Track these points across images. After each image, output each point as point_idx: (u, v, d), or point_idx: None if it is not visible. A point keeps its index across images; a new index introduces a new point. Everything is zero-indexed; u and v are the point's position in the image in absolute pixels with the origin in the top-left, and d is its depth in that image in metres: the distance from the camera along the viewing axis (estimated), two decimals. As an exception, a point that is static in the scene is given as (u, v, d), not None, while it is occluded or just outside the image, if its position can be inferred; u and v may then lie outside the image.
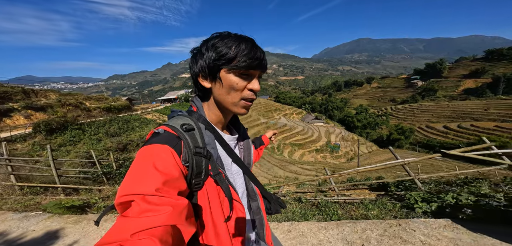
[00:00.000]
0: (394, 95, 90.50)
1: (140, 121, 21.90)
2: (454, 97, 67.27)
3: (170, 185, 0.45)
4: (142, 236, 0.35)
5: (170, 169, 0.46)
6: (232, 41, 0.54)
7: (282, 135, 39.23)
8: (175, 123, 0.55)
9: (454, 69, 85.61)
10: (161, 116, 26.92)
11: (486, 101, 52.08)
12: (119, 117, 20.82)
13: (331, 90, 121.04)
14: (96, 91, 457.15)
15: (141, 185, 0.42)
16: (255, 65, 0.55)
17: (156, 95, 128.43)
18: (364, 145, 41.98)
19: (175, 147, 0.50)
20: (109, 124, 18.80)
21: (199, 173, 0.53)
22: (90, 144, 14.97)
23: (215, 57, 0.54)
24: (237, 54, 0.53)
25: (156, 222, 0.38)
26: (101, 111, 23.07)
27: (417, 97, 74.67)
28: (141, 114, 25.29)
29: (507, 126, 35.66)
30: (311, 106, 72.39)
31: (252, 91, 0.57)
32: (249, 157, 0.72)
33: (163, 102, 48.55)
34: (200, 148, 0.54)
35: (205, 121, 0.60)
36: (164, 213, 0.39)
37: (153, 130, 0.54)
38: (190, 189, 0.54)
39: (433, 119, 50.48)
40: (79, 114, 20.48)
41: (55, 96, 23.25)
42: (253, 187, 0.71)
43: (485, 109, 46.27)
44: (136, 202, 0.40)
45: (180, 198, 0.45)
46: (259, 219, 0.72)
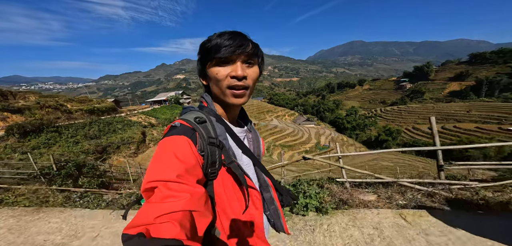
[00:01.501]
0: (384, 97, 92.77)
1: (123, 124, 21.43)
2: (440, 99, 69.68)
3: (189, 173, 0.48)
4: (164, 220, 0.39)
5: (188, 157, 0.50)
6: (213, 36, 0.57)
7: (272, 137, 39.38)
8: (189, 116, 0.59)
9: (440, 72, 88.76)
10: (147, 118, 26.46)
11: (469, 103, 54.17)
12: (100, 120, 20.32)
13: (325, 92, 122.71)
14: (86, 92, 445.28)
15: (164, 172, 0.45)
16: (230, 51, 0.55)
17: (150, 96, 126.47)
18: (353, 146, 42.73)
19: (192, 137, 0.54)
20: (89, 126, 18.32)
21: (214, 162, 0.56)
22: (66, 147, 14.56)
23: (200, 56, 0.60)
24: (214, 44, 0.56)
25: (176, 207, 0.41)
26: (83, 114, 22.41)
27: (405, 99, 76.83)
28: (125, 116, 24.77)
29: (486, 127, 37.21)
30: (304, 108, 73.08)
31: (235, 78, 0.57)
32: (258, 149, 0.74)
33: (153, 104, 47.81)
34: (213, 138, 0.57)
35: (216, 114, 0.63)
36: (183, 199, 0.43)
37: (171, 124, 0.58)
38: (207, 178, 0.57)
39: (419, 121, 52.00)
40: (59, 116, 19.85)
41: (35, 98, 22.48)
42: (264, 178, 0.73)
43: (467, 111, 48.11)
44: (159, 188, 0.44)
45: (197, 186, 0.49)
46: (274, 209, 0.74)
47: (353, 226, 2.46)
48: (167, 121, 27.75)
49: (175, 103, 42.78)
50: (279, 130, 43.61)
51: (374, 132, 50.00)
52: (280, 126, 46.19)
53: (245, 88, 0.59)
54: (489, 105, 48.84)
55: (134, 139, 18.54)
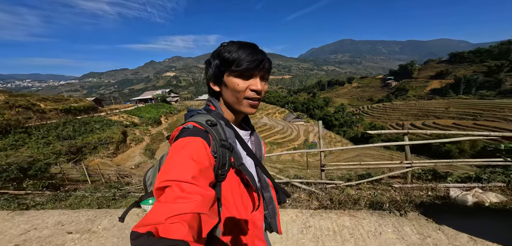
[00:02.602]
0: (372, 95, 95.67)
1: (102, 123, 20.46)
2: (422, 96, 72.85)
3: (203, 174, 0.49)
4: (174, 220, 0.39)
5: (203, 159, 0.51)
6: (233, 47, 0.59)
7: (261, 135, 39.45)
8: (200, 119, 0.61)
9: (423, 70, 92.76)
10: (129, 117, 25.45)
11: (448, 100, 57.14)
12: (76, 119, 19.26)
13: (316, 89, 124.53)
14: (62, 91, 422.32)
15: (179, 173, 0.46)
16: (253, 66, 0.58)
17: (138, 94, 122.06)
18: (340, 143, 43.75)
19: (206, 139, 0.55)
20: (63, 126, 17.30)
21: (224, 164, 0.58)
22: (36, 148, 13.67)
23: (219, 63, 0.61)
24: (236, 57, 0.58)
25: (187, 209, 0.42)
26: (58, 113, 21.08)
27: (391, 97, 79.64)
28: (105, 115, 23.66)
29: (462, 123, 39.44)
30: (294, 106, 73.75)
31: (255, 91, 0.61)
32: (260, 151, 0.78)
33: (138, 102, 46.11)
34: (224, 140, 0.59)
35: (224, 118, 0.65)
36: (194, 201, 0.43)
37: (181, 126, 0.59)
38: (216, 180, 0.58)
39: (402, 117, 54.17)
40: (31, 116, 18.59)
41: (4, 97, 20.87)
42: (265, 179, 0.76)
43: (446, 108, 50.72)
44: (172, 188, 0.44)
45: (209, 189, 0.49)
46: (272, 208, 0.78)
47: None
48: (151, 120, 26.89)
49: (162, 101, 41.51)
50: (268, 127, 43.73)
51: (361, 129, 51.54)
52: (270, 124, 46.34)
53: (259, 100, 0.63)
54: (466, 102, 51.80)
55: (113, 139, 17.78)
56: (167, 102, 41.90)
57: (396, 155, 22.97)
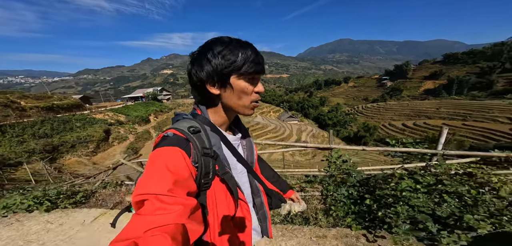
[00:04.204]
0: (367, 94, 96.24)
1: (84, 122, 20.00)
2: (416, 97, 73.53)
3: (180, 185, 0.48)
4: (155, 233, 0.38)
5: (181, 170, 0.49)
6: (237, 48, 0.56)
7: (254, 133, 39.28)
8: (182, 125, 0.57)
9: (417, 71, 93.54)
10: (115, 115, 24.98)
11: (439, 101, 57.69)
12: (56, 117, 18.79)
13: (312, 89, 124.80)
14: (62, 87, 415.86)
15: (155, 185, 0.44)
16: (259, 70, 0.58)
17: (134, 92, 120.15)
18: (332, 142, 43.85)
19: (185, 148, 0.52)
20: (41, 124, 16.84)
21: (208, 173, 0.56)
22: (8, 147, 13.26)
23: (225, 65, 0.56)
24: (245, 61, 0.56)
25: (168, 220, 0.40)
26: (39, 111, 20.49)
27: (386, 97, 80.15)
28: (88, 114, 23.19)
29: (452, 123, 39.82)
30: (289, 105, 73.72)
31: (258, 93, 0.62)
32: (251, 156, 0.75)
33: (128, 100, 45.44)
34: (207, 148, 0.56)
35: (210, 123, 0.62)
36: (176, 212, 0.42)
37: (162, 134, 0.56)
38: (199, 189, 0.56)
39: (395, 117, 54.55)
40: (9, 114, 18.05)
41: (-18, 94, 20.28)
42: (256, 184, 0.76)
43: (437, 108, 51.21)
44: (150, 200, 0.43)
45: (189, 198, 0.48)
46: (262, 213, 0.78)
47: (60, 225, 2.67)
48: (139, 118, 26.48)
49: (153, 100, 40.96)
50: (261, 126, 43.56)
51: (354, 128, 51.75)
52: (263, 123, 46.17)
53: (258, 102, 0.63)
54: (458, 102, 52.37)
55: (94, 137, 17.39)
56: (158, 101, 41.36)
57: (381, 154, 23.02)
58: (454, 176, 2.00)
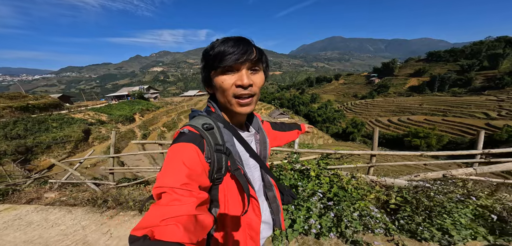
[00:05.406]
0: (357, 91, 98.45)
1: (61, 122, 19.06)
2: (402, 93, 76.17)
3: (195, 179, 0.51)
4: (169, 222, 0.41)
5: (195, 165, 0.52)
6: (216, 42, 0.56)
7: (243, 131, 39.21)
8: (197, 122, 0.60)
9: (403, 68, 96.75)
10: (97, 115, 24.00)
11: (423, 97, 60.16)
12: (30, 118, 17.79)
13: (304, 86, 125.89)
14: (44, 85, 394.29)
15: (172, 179, 0.48)
16: (234, 59, 0.53)
17: (119, 90, 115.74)
18: (322, 139, 44.67)
19: (199, 145, 0.55)
20: (13, 125, 15.92)
21: (220, 169, 0.58)
22: (-25, 150, 12.42)
23: (204, 64, 0.59)
24: (218, 52, 0.54)
25: (182, 211, 0.44)
26: (13, 111, 19.37)
27: (373, 94, 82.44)
28: (66, 113, 22.13)
29: (433, 119, 41.75)
30: (280, 102, 74.14)
31: (241, 87, 0.56)
32: (265, 151, 0.76)
33: (113, 99, 43.77)
34: (220, 145, 0.58)
35: (223, 120, 0.63)
36: (189, 204, 0.46)
37: (179, 130, 0.59)
38: (212, 183, 0.59)
39: (381, 114, 56.34)
40: (-22, 114, 16.89)
41: None
42: (269, 179, 0.78)
43: (420, 104, 53.41)
44: (167, 193, 0.47)
45: (202, 192, 0.51)
46: (275, 206, 0.80)
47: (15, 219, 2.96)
48: (123, 118, 25.59)
49: (139, 98, 39.72)
50: (251, 124, 43.61)
51: (343, 125, 52.95)
52: (253, 120, 46.23)
53: (251, 96, 0.59)
54: (439, 99, 54.85)
55: (72, 137, 16.63)
56: (144, 99, 40.17)
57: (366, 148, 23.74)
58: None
